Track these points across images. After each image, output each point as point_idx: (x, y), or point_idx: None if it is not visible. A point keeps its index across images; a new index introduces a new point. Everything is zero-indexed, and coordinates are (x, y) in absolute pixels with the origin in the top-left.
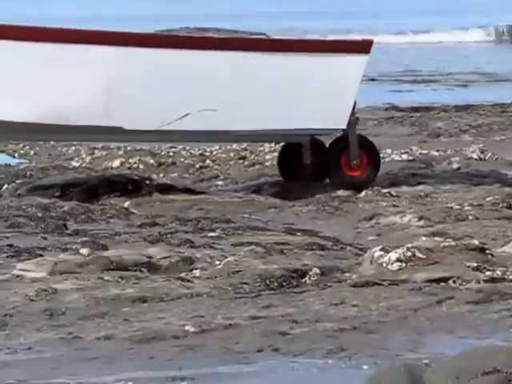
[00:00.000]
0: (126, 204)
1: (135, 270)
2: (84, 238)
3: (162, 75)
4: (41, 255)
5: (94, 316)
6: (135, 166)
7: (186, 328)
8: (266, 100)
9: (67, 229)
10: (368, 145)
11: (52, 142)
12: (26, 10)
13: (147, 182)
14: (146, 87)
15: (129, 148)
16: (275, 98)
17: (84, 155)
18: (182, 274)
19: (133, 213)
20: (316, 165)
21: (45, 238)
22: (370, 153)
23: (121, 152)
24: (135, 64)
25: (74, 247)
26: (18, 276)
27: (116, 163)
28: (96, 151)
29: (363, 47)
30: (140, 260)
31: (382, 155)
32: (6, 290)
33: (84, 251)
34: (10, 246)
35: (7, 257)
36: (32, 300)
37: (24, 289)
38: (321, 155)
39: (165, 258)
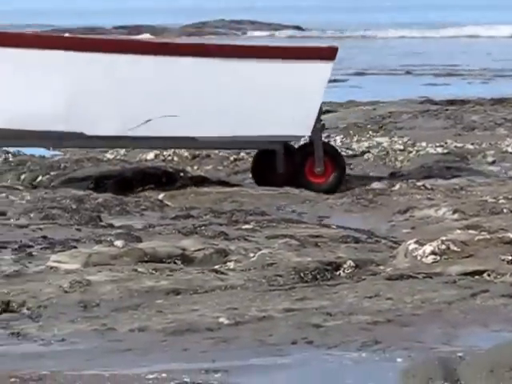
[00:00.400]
0: (161, 196)
1: (169, 262)
2: (118, 230)
3: (123, 81)
4: (75, 247)
5: (127, 308)
6: (170, 158)
7: (220, 320)
8: (230, 107)
9: (101, 221)
10: (333, 152)
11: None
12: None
13: (181, 174)
14: (108, 93)
15: None
16: (238, 104)
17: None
18: (216, 267)
19: (167, 205)
20: (289, 172)
21: (79, 230)
22: (335, 160)
23: None
24: (96, 70)
25: (108, 239)
26: (52, 268)
27: (150, 155)
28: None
29: (328, 54)
30: (174, 252)
31: (416, 148)
32: (41, 281)
33: (118, 243)
34: (45, 237)
35: (42, 248)
36: (66, 292)
37: (58, 280)
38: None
39: (199, 250)
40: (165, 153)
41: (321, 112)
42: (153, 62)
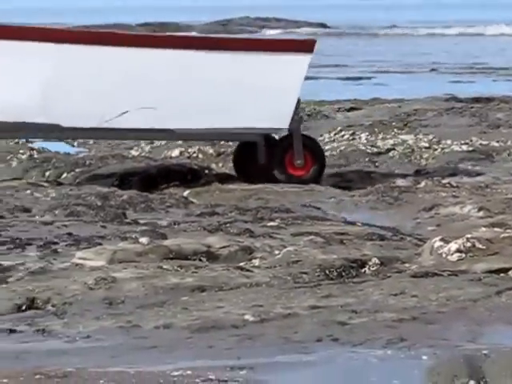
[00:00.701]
0: (186, 193)
1: (194, 259)
2: (143, 227)
3: (99, 73)
4: (100, 244)
5: (152, 305)
6: (194, 155)
7: (245, 317)
8: (207, 99)
9: (126, 218)
10: (313, 145)
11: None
12: None
13: (206, 171)
14: (84, 85)
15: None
16: (216, 97)
17: (143, 144)
18: (241, 264)
19: (192, 202)
20: (270, 163)
21: (104, 227)
22: (315, 153)
23: (180, 141)
24: (72, 61)
25: (133, 236)
26: (77, 264)
27: (175, 152)
28: (155, 140)
29: (306, 47)
30: (199, 249)
31: (441, 146)
32: (66, 278)
33: (143, 240)
34: (70, 234)
35: (67, 245)
36: (91, 288)
37: (83, 277)
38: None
39: (224, 247)
40: (190, 150)
41: (299, 104)
42: (130, 54)
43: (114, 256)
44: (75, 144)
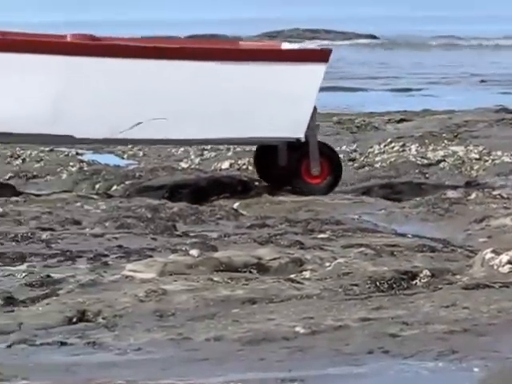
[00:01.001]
0: (236, 205)
1: (245, 271)
2: (193, 239)
3: (112, 84)
4: (150, 256)
5: (203, 317)
6: (244, 167)
7: (296, 329)
8: (223, 109)
9: (176, 230)
10: (330, 153)
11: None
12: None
13: (256, 183)
14: (96, 96)
15: (238, 149)
16: (232, 106)
17: (193, 156)
18: (292, 276)
19: (242, 214)
20: (291, 165)
21: (154, 239)
22: (332, 161)
23: (230, 153)
24: (85, 73)
25: (183, 248)
26: (127, 277)
27: (225, 164)
28: (205, 152)
29: (321, 56)
30: (250, 261)
31: (492, 157)
32: (116, 290)
33: (194, 252)
34: (120, 246)
35: (117, 257)
36: (142, 301)
37: (134, 290)
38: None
39: (274, 259)
40: (240, 162)
41: (315, 113)
42: (142, 66)
43: (165, 268)
44: (125, 156)
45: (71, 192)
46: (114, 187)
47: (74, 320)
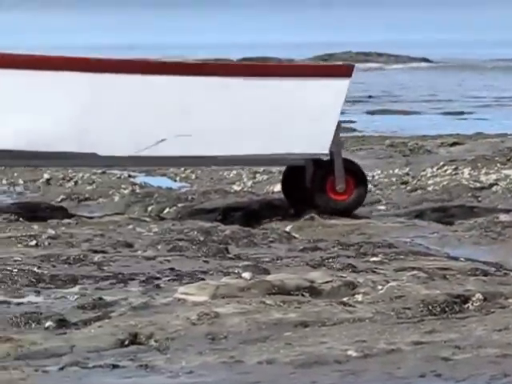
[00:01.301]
0: (288, 228)
1: (297, 295)
2: (246, 262)
3: (136, 101)
4: (202, 279)
5: (255, 340)
6: None
7: (349, 353)
8: (246, 126)
9: (229, 253)
10: (355, 169)
11: (213, 166)
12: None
13: None
14: (120, 113)
15: None
16: (255, 123)
17: (245, 179)
18: (344, 299)
19: (295, 237)
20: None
21: (206, 262)
22: (357, 178)
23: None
24: (108, 90)
25: (235, 271)
26: (179, 300)
27: (278, 187)
28: (257, 175)
29: (344, 71)
30: (302, 284)
31: None
32: (168, 313)
33: (246, 275)
34: (172, 269)
35: (169, 280)
36: (194, 324)
37: (186, 312)
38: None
39: (327, 282)
40: None
41: (339, 129)
42: (166, 82)
43: (217, 291)
44: (177, 179)
45: (123, 214)
46: (167, 210)
47: (126, 343)
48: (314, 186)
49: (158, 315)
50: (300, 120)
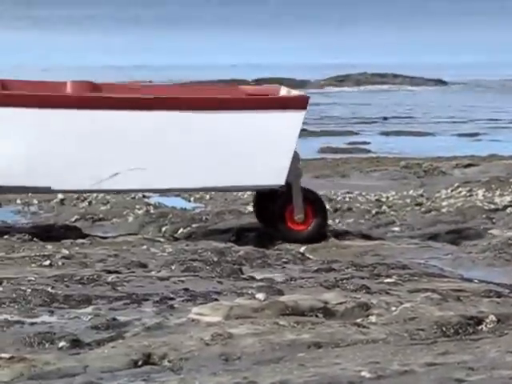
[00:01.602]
0: (302, 249)
1: (311, 316)
2: (260, 283)
3: (87, 136)
4: (216, 299)
5: (269, 361)
6: None
7: (362, 374)
8: (202, 158)
9: (243, 273)
10: (314, 199)
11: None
12: None
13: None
14: (72, 148)
15: None
16: (211, 155)
17: None
18: (358, 320)
19: (309, 258)
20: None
21: (220, 283)
22: (317, 207)
23: None
24: (61, 125)
25: (249, 292)
26: (193, 320)
27: None
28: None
29: (299, 103)
30: (316, 305)
31: None
32: (182, 334)
33: (260, 296)
34: (186, 290)
35: (183, 301)
36: (207, 344)
37: (200, 333)
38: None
39: (341, 303)
40: None
41: (297, 159)
42: (120, 117)
43: (231, 312)
44: (191, 199)
45: (137, 235)
46: (181, 230)
47: (140, 363)
48: (275, 215)
49: (172, 336)
50: (255, 152)
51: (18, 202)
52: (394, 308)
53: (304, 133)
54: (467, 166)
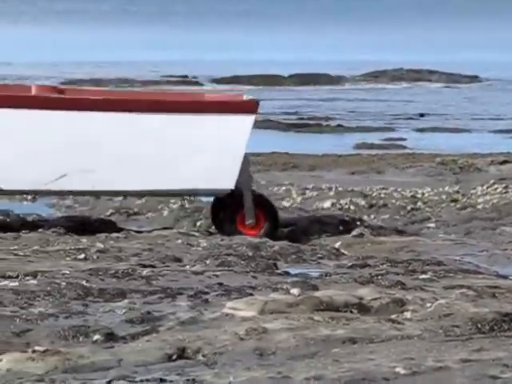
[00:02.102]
0: (337, 245)
1: (346, 311)
2: (294, 278)
3: (36, 136)
4: (251, 294)
5: (303, 356)
6: (346, 206)
7: (396, 370)
8: (151, 160)
9: (277, 268)
10: (265, 204)
11: (262, 182)
12: None
13: (358, 223)
14: (21, 148)
15: (340, 189)
16: (160, 158)
17: (295, 195)
18: (393, 316)
19: (343, 253)
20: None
21: (255, 277)
22: (268, 212)
23: (332, 193)
24: (9, 125)
25: (284, 287)
26: (227, 315)
27: (327, 204)
28: (307, 191)
29: (249, 107)
30: (351, 301)
31: None
32: (216, 328)
33: (294, 291)
34: (221, 284)
35: (217, 295)
36: (242, 339)
37: (234, 327)
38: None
39: (375, 299)
40: (341, 201)
41: (248, 164)
42: (65, 117)
43: (265, 307)
44: None
45: (172, 229)
46: None
47: (174, 357)
48: (225, 219)
49: (206, 330)
50: (205, 155)
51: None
52: (428, 304)
53: (340, 129)
54: (503, 162)
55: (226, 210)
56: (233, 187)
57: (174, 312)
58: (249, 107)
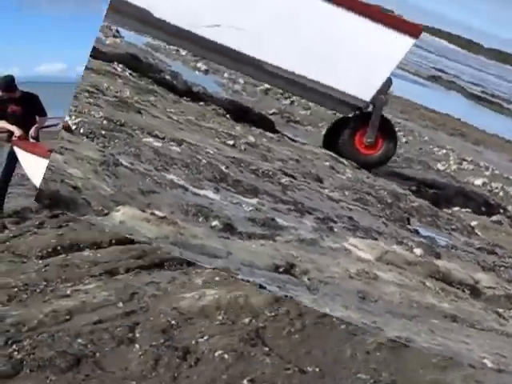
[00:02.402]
0: (473, 223)
1: (458, 288)
2: (421, 239)
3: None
4: (375, 239)
5: (402, 315)
6: (496, 191)
7: (484, 361)
8: (308, 47)
9: (409, 224)
10: (389, 130)
11: (426, 138)
12: None
13: (501, 210)
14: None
15: (496, 172)
16: (317, 48)
17: (452, 162)
18: (501, 310)
19: (476, 234)
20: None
21: (385, 224)
22: (388, 138)
23: (487, 173)
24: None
25: (409, 244)
26: (346, 249)
27: (478, 181)
28: (464, 163)
29: (413, 31)
30: (466, 280)
31: None
32: (331, 258)
33: (417, 251)
34: (351, 218)
35: (344, 228)
36: (351, 277)
37: (348, 264)
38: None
39: (491, 287)
40: (493, 184)
41: (388, 86)
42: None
43: (385, 256)
44: None
45: (324, 149)
46: None
47: (281, 270)
48: (345, 134)
49: (321, 256)
50: (356, 60)
51: (226, 75)
52: None
53: None
54: None
55: (349, 124)
56: (368, 100)
57: (297, 228)
58: (415, 31)
